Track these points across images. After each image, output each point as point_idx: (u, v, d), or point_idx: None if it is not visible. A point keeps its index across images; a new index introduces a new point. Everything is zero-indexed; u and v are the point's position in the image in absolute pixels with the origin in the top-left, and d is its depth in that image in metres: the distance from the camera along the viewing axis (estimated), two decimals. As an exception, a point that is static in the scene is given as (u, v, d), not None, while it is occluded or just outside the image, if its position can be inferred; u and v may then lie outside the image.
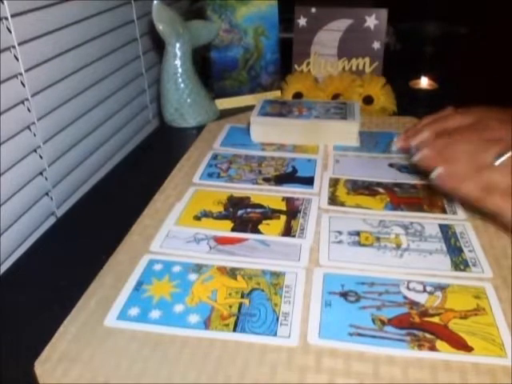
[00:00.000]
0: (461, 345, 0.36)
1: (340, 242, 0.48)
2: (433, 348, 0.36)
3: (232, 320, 0.38)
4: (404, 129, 0.72)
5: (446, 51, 1.10)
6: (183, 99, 0.77)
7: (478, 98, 0.86)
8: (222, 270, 0.44)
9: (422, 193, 0.56)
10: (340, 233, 0.49)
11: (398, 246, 0.47)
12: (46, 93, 0.61)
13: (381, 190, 0.56)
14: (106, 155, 0.77)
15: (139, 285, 0.42)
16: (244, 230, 0.50)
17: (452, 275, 0.43)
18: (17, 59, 0.56)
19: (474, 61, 1.02)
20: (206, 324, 0.38)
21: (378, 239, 0.48)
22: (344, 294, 0.41)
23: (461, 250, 0.46)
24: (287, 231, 0.49)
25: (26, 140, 0.59)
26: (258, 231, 0.49)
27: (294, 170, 0.61)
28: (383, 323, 0.38)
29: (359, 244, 0.47)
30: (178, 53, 0.75)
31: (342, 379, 0.34)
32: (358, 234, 0.49)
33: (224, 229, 0.50)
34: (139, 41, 0.85)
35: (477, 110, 0.54)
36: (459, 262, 0.45)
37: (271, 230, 0.49)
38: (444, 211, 0.52)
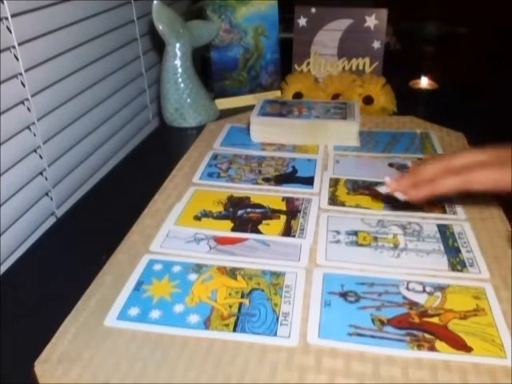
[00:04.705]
0: (460, 345, 0.36)
1: (338, 241, 0.48)
2: (432, 348, 0.36)
3: (232, 320, 0.38)
4: (401, 127, 0.72)
5: (446, 51, 1.10)
6: (183, 99, 0.77)
7: (478, 98, 0.86)
8: (222, 270, 0.44)
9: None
10: (338, 232, 0.49)
11: (396, 246, 0.47)
12: (45, 93, 0.61)
13: (381, 190, 0.56)
14: (105, 155, 0.77)
15: (139, 285, 0.42)
16: (244, 230, 0.50)
17: (451, 276, 0.43)
18: (17, 59, 0.56)
19: (474, 61, 1.02)
20: (206, 324, 0.38)
21: (375, 239, 0.48)
22: (344, 295, 0.41)
23: (458, 251, 0.46)
24: (287, 231, 0.49)
25: (26, 140, 0.59)
26: (258, 231, 0.49)
27: (294, 170, 0.61)
28: (383, 323, 0.38)
29: (357, 244, 0.47)
30: (178, 53, 0.75)
31: (342, 379, 0.34)
32: (355, 233, 0.49)
33: (224, 229, 0.50)
34: (139, 41, 0.85)
35: (496, 148, 0.46)
36: (456, 262, 0.45)
37: (271, 230, 0.49)
38: (444, 211, 0.52)
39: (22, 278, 0.47)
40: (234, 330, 0.38)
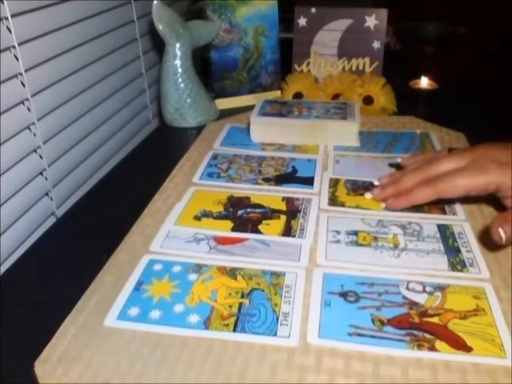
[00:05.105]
0: (460, 345, 0.36)
1: (338, 241, 0.48)
2: (432, 348, 0.36)
3: (232, 320, 0.38)
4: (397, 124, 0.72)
5: (446, 51, 1.10)
6: (183, 99, 0.77)
7: (478, 98, 0.86)
8: (222, 270, 0.44)
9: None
10: (338, 232, 0.49)
11: (396, 246, 0.47)
12: (45, 93, 0.61)
13: (381, 190, 0.56)
14: (105, 155, 0.77)
15: (139, 285, 0.42)
16: (244, 230, 0.50)
17: (451, 275, 0.43)
18: (17, 59, 0.56)
19: (474, 61, 1.02)
20: (206, 324, 0.38)
21: (375, 239, 0.48)
22: (344, 294, 0.41)
23: (458, 251, 0.46)
24: (287, 231, 0.49)
25: (26, 140, 0.59)
26: (257, 231, 0.49)
27: (294, 170, 0.61)
28: (383, 323, 0.38)
29: (357, 244, 0.47)
30: (178, 53, 0.75)
31: (342, 379, 0.34)
32: (355, 233, 0.49)
33: (224, 229, 0.50)
34: (139, 41, 0.85)
35: (475, 149, 0.49)
36: (456, 262, 0.45)
37: (271, 230, 0.49)
38: (444, 212, 0.52)
39: (22, 278, 0.47)
40: (234, 330, 0.38)
